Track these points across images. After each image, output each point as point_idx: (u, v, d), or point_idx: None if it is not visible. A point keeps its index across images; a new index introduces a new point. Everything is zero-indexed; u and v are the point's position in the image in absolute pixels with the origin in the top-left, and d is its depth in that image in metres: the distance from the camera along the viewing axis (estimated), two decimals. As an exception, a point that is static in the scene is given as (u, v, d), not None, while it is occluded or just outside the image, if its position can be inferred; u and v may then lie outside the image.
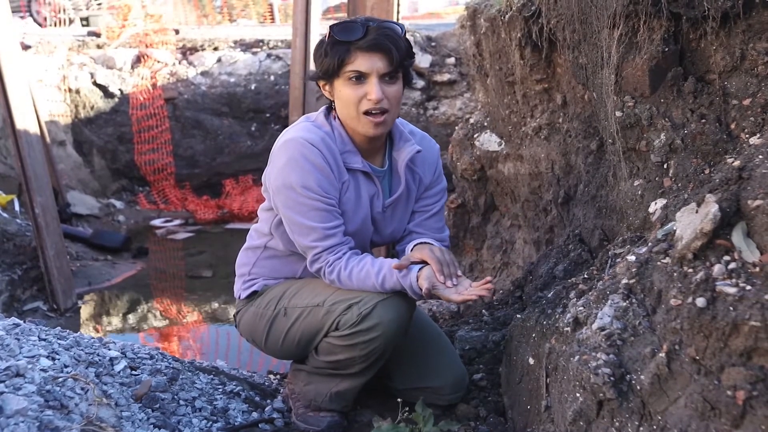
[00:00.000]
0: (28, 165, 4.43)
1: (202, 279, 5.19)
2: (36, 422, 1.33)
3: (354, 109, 1.59)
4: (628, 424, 1.15)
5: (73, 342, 1.88)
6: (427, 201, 1.84)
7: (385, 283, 1.60)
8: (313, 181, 1.59)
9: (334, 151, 1.64)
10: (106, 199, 7.09)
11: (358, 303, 1.61)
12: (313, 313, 1.67)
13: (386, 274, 1.60)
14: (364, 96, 1.56)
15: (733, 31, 1.48)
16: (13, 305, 4.41)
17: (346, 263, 1.63)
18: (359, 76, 1.55)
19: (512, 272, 2.89)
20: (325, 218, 1.62)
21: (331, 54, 1.56)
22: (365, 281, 1.61)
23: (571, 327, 1.41)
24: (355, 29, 1.54)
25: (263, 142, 7.45)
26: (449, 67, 7.49)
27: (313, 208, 1.61)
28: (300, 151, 1.59)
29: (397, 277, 1.58)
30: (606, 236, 1.95)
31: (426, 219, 1.83)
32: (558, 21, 1.96)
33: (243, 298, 1.87)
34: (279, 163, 1.62)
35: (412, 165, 1.77)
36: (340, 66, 1.55)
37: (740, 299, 1.05)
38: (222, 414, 1.83)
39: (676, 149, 1.56)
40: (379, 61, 1.54)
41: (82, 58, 7.60)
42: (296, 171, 1.59)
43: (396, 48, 1.55)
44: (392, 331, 1.62)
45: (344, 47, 1.54)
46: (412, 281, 1.57)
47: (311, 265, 1.68)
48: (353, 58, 1.54)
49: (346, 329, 1.61)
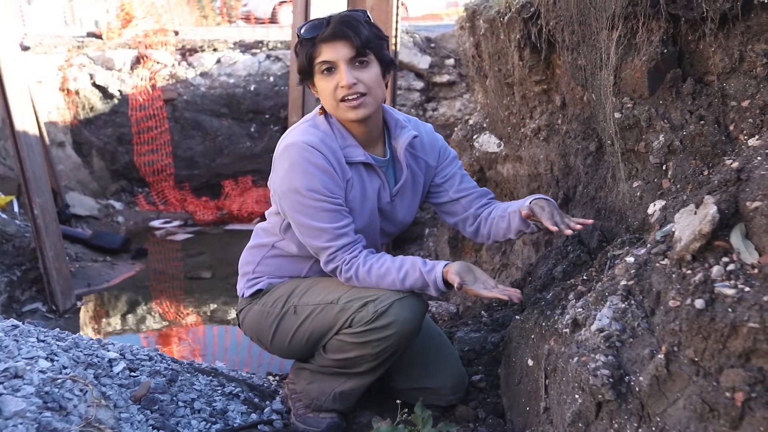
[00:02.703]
0: (27, 166, 4.42)
1: (201, 280, 5.19)
2: (35, 424, 1.33)
3: (332, 100, 1.61)
4: (626, 426, 1.15)
5: (72, 343, 1.88)
6: (447, 171, 1.86)
7: (407, 280, 1.61)
8: (318, 183, 1.60)
9: (335, 151, 1.64)
10: (106, 200, 7.09)
11: (374, 301, 1.61)
12: (327, 310, 1.68)
13: (408, 270, 1.61)
14: (337, 85, 1.59)
15: (731, 32, 1.48)
16: (12, 306, 4.40)
17: (364, 260, 1.64)
18: (329, 67, 1.59)
19: (511, 273, 2.89)
20: (335, 218, 1.63)
21: (301, 53, 1.62)
22: (384, 277, 1.62)
23: (570, 328, 1.41)
24: (319, 25, 1.58)
25: (263, 143, 7.45)
26: (448, 68, 7.49)
27: (321, 210, 1.61)
28: (302, 155, 1.60)
29: (420, 271, 1.60)
30: (605, 237, 1.95)
31: (459, 184, 1.86)
32: (557, 22, 1.96)
33: (247, 297, 1.87)
34: (282, 169, 1.63)
35: (413, 150, 1.79)
36: (311, 62, 1.59)
37: (739, 301, 1.05)
38: (221, 415, 1.83)
39: (674, 150, 1.56)
40: (343, 48, 1.57)
41: (81, 59, 7.60)
42: (300, 175, 1.60)
43: (355, 32, 1.57)
44: (407, 330, 1.62)
45: (310, 43, 1.59)
46: (437, 277, 1.58)
47: (326, 265, 1.68)
48: (319, 51, 1.58)
49: (360, 326, 1.62)
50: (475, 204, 1.85)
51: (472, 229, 1.86)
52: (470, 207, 1.85)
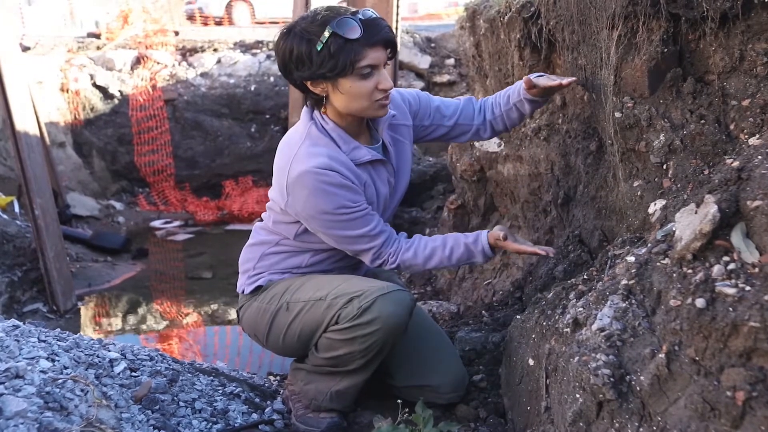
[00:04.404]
0: (27, 166, 4.43)
1: (201, 280, 5.19)
2: (36, 424, 1.33)
3: (367, 100, 1.63)
4: (627, 425, 1.15)
5: (73, 343, 1.88)
6: (426, 112, 1.91)
7: (453, 255, 1.72)
8: (342, 199, 1.63)
9: (344, 162, 1.65)
10: (106, 201, 7.09)
11: (359, 297, 1.63)
12: (316, 307, 1.69)
13: (453, 246, 1.73)
14: (376, 86, 1.61)
15: (732, 31, 1.48)
16: (13, 307, 4.41)
17: (407, 248, 1.73)
18: (371, 71, 1.60)
19: (512, 273, 2.89)
20: (366, 222, 1.68)
21: (339, 53, 1.55)
22: (431, 258, 1.73)
23: (571, 328, 1.41)
24: (354, 25, 1.55)
25: (263, 143, 7.46)
26: (449, 68, 7.50)
27: (352, 220, 1.66)
28: (318, 179, 1.60)
29: (465, 244, 1.72)
30: (605, 237, 1.95)
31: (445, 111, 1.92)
32: (557, 22, 1.96)
33: (247, 293, 1.87)
34: (303, 197, 1.63)
35: (394, 122, 1.83)
36: (353, 64, 1.57)
37: (740, 300, 1.05)
38: (222, 415, 1.83)
39: (675, 150, 1.56)
40: (383, 52, 1.61)
41: (81, 60, 7.60)
42: (323, 198, 1.62)
43: (394, 38, 1.64)
44: (391, 325, 1.63)
45: (353, 45, 1.55)
46: (483, 242, 1.71)
47: (372, 263, 1.76)
48: (364, 54, 1.57)
49: (345, 323, 1.63)
50: (474, 115, 1.94)
51: (488, 134, 1.99)
52: (472, 120, 1.94)
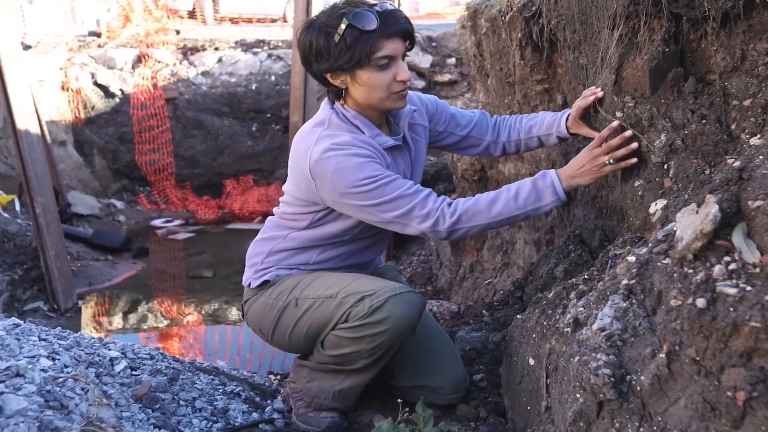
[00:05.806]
0: (28, 165, 4.43)
1: (202, 279, 5.19)
2: (36, 422, 1.33)
3: (385, 91, 1.64)
4: (628, 425, 1.15)
5: (74, 342, 1.88)
6: (441, 117, 1.94)
7: (519, 196, 1.62)
8: (368, 170, 1.59)
9: (368, 142, 1.66)
10: (107, 199, 7.10)
11: (370, 296, 1.62)
12: (325, 304, 1.68)
13: (518, 187, 1.64)
14: (394, 78, 1.62)
15: (733, 31, 1.47)
16: (14, 305, 4.41)
17: (463, 201, 1.64)
18: (388, 62, 1.61)
19: (512, 273, 2.89)
20: (399, 184, 1.61)
21: (359, 45, 1.57)
22: (495, 202, 1.62)
23: (572, 327, 1.41)
24: (371, 17, 1.56)
25: (264, 142, 7.46)
26: (450, 67, 7.49)
27: (384, 185, 1.60)
28: (342, 155, 1.59)
29: (533, 182, 1.63)
30: (606, 237, 1.95)
31: (460, 120, 1.95)
32: (558, 21, 1.96)
33: (253, 287, 1.86)
34: (328, 177, 1.61)
35: (413, 121, 1.85)
36: (369, 55, 1.58)
37: (740, 300, 1.05)
38: (222, 414, 1.83)
39: (676, 150, 1.56)
40: (401, 43, 1.62)
41: (82, 58, 7.61)
42: (349, 171, 1.59)
43: (412, 29, 1.64)
44: (401, 326, 1.63)
45: (370, 36, 1.56)
46: (553, 176, 1.64)
47: (422, 224, 1.61)
48: (381, 45, 1.58)
49: (355, 321, 1.62)
50: (488, 131, 1.96)
51: (498, 153, 2.00)
52: (484, 135, 1.96)
